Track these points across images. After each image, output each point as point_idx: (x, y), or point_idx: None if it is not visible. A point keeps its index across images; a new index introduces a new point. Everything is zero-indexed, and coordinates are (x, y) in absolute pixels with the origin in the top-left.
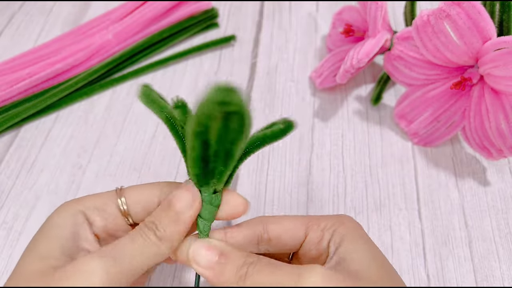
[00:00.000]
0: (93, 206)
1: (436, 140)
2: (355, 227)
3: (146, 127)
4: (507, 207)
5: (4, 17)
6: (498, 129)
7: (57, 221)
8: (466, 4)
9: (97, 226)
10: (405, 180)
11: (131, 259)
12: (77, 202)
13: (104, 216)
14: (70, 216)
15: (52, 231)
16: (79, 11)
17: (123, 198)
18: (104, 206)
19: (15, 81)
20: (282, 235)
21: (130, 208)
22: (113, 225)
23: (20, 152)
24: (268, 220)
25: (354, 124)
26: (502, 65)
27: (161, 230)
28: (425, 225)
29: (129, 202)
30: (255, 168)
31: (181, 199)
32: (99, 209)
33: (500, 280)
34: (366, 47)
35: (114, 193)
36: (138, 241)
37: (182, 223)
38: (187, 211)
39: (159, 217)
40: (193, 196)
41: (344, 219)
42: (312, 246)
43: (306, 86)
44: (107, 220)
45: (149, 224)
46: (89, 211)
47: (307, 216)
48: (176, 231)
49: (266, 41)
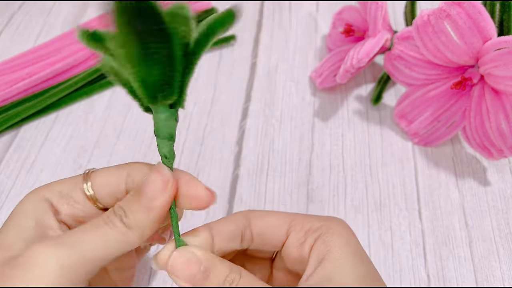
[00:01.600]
0: (58, 192)
1: (436, 140)
2: (345, 235)
3: (146, 127)
4: (508, 207)
5: (3, 17)
6: (498, 129)
7: (20, 210)
8: (467, 4)
9: (64, 213)
10: (406, 180)
11: (92, 248)
12: (42, 189)
13: (70, 203)
14: (34, 204)
15: (14, 220)
16: (79, 11)
17: (89, 183)
18: (70, 192)
19: (15, 81)
20: (264, 232)
21: (97, 193)
22: (83, 212)
23: (19, 152)
24: (252, 215)
25: (354, 124)
26: (502, 65)
27: (130, 217)
28: (426, 225)
29: (96, 187)
30: (255, 168)
31: (152, 184)
32: (65, 196)
33: (501, 280)
34: (366, 47)
35: (81, 177)
36: (102, 228)
37: (153, 210)
38: (159, 197)
39: (128, 202)
40: (165, 180)
41: (333, 223)
42: (293, 248)
43: (306, 86)
44: (75, 207)
45: (117, 209)
46: (55, 198)
47: (293, 214)
48: (146, 218)
49: (266, 41)
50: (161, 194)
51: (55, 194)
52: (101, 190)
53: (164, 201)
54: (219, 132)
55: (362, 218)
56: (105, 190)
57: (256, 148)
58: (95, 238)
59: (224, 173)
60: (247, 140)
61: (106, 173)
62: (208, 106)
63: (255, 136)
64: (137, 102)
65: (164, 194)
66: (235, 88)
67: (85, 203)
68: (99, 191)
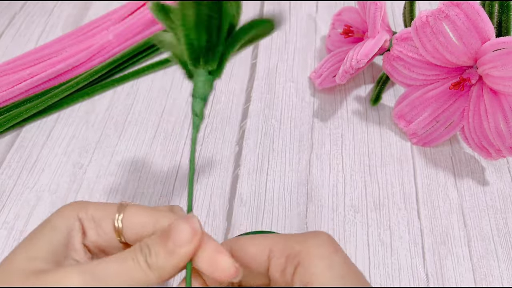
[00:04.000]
0: (91, 216)
1: (435, 140)
2: (327, 257)
3: (146, 127)
4: (506, 207)
5: (5, 18)
6: (496, 129)
7: (54, 223)
8: (465, 5)
9: (89, 239)
10: (404, 180)
11: (115, 281)
12: (79, 208)
13: (98, 230)
14: (68, 221)
15: (47, 232)
16: (80, 11)
17: (121, 215)
18: (101, 220)
19: (17, 82)
20: (246, 263)
21: (125, 228)
22: (105, 242)
23: (21, 152)
24: (233, 246)
25: (353, 124)
26: (500, 65)
27: (153, 258)
28: (424, 224)
29: (126, 223)
30: (255, 168)
31: (181, 232)
32: (96, 222)
33: (499, 280)
34: (365, 48)
35: (115, 208)
36: (127, 263)
37: (177, 257)
38: (185, 246)
39: (155, 243)
40: (193, 231)
41: (312, 244)
42: (277, 274)
43: (305, 87)
44: (100, 236)
45: (143, 247)
46: (87, 221)
47: (273, 238)
48: (168, 262)
49: (266, 41)
50: (188, 244)
51: (88, 217)
52: (131, 227)
53: (189, 251)
54: (219, 132)
55: (361, 217)
56: (134, 228)
57: (256, 148)
58: (120, 271)
59: (224, 173)
60: (247, 140)
61: (140, 212)
62: (208, 106)
63: (255, 136)
64: (182, 67)
65: (190, 244)
66: (235, 89)
67: (110, 234)
68: (128, 227)
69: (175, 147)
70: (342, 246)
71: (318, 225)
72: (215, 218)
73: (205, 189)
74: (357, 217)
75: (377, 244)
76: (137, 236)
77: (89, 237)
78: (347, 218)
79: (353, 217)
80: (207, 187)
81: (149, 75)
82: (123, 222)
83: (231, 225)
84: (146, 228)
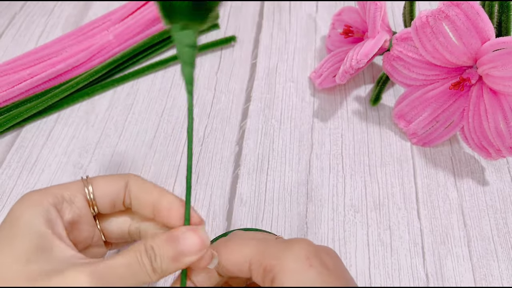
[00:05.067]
0: (62, 198)
1: (435, 140)
2: (299, 273)
3: (147, 127)
4: (506, 207)
5: (5, 18)
6: (496, 129)
7: (30, 218)
8: (465, 5)
9: (66, 218)
10: (404, 180)
11: (121, 281)
12: (46, 194)
13: (72, 208)
14: (43, 212)
15: (26, 229)
16: (80, 12)
17: (91, 187)
18: (73, 197)
19: (17, 82)
20: (230, 269)
21: (97, 198)
22: (78, 217)
23: (21, 152)
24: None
25: (353, 124)
26: (500, 65)
27: (158, 263)
28: (424, 224)
29: (97, 193)
30: (255, 168)
31: (189, 244)
32: (69, 201)
33: (499, 279)
34: (365, 48)
35: (81, 183)
36: (134, 266)
37: (181, 264)
38: (191, 257)
39: (162, 248)
40: (202, 244)
41: (288, 258)
42: (258, 281)
43: (305, 87)
44: (75, 213)
45: (148, 250)
46: (60, 204)
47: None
48: (172, 268)
49: (266, 41)
50: (194, 255)
51: (59, 199)
52: (102, 196)
53: (193, 260)
54: (220, 132)
55: (361, 217)
56: (106, 197)
57: (256, 148)
58: (126, 274)
59: (224, 173)
60: (247, 140)
61: (106, 181)
62: (209, 107)
63: (255, 136)
64: None
65: (196, 255)
66: (235, 89)
67: (83, 209)
68: (100, 197)
69: (175, 147)
70: (342, 246)
71: (318, 225)
72: (215, 218)
73: (205, 189)
74: (357, 217)
75: (377, 244)
76: (111, 205)
77: (65, 217)
78: (347, 218)
79: (353, 217)
80: (207, 187)
81: (149, 75)
82: (95, 193)
83: (231, 225)
84: (118, 195)
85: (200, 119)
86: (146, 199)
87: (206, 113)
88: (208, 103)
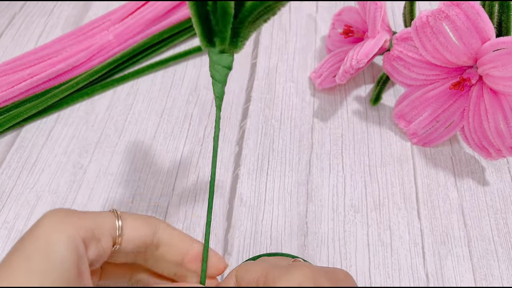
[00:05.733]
0: (92, 235)
1: (435, 140)
2: None
3: (146, 127)
4: (506, 207)
5: (5, 18)
6: (497, 129)
7: (64, 253)
8: (465, 5)
9: (89, 257)
10: (404, 180)
11: None
12: (79, 227)
13: (97, 248)
14: (75, 248)
15: (59, 265)
16: (80, 11)
17: (120, 230)
18: (102, 236)
19: (17, 82)
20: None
21: (124, 242)
22: (99, 257)
23: (21, 152)
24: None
25: (353, 124)
26: (501, 65)
27: None
28: (424, 224)
29: (125, 237)
30: (255, 168)
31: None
32: (96, 238)
33: (499, 280)
34: (365, 48)
35: (111, 218)
36: None
37: None
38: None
39: None
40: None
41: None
42: None
43: (305, 87)
44: (98, 253)
45: None
46: (89, 240)
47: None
48: None
49: (266, 41)
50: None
51: (89, 236)
52: (128, 240)
53: None
54: (220, 132)
55: (361, 217)
56: (131, 242)
57: (256, 148)
58: None
59: (224, 173)
60: (247, 140)
61: (136, 225)
62: (209, 107)
63: (255, 136)
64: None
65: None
66: (235, 89)
67: (107, 249)
68: (126, 239)
69: (175, 147)
70: (342, 246)
71: (318, 225)
72: (215, 218)
73: (205, 189)
74: (357, 217)
75: (377, 244)
76: (132, 248)
77: (89, 256)
78: (347, 218)
79: (353, 217)
80: (207, 186)
81: (149, 75)
82: (123, 237)
83: (231, 225)
84: (145, 241)
85: (200, 119)
86: (179, 247)
87: (206, 113)
88: (208, 103)
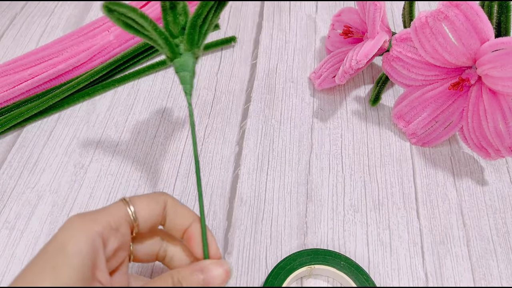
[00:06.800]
0: (109, 226)
1: (434, 141)
2: None
3: (147, 128)
4: (505, 207)
5: (6, 18)
6: (495, 129)
7: (79, 248)
8: (464, 6)
9: (109, 248)
10: (404, 180)
11: None
12: (95, 222)
13: (117, 236)
14: (91, 242)
15: (73, 260)
16: (81, 12)
17: (132, 208)
18: (119, 225)
19: (18, 82)
20: None
21: (139, 221)
22: (121, 243)
23: (22, 152)
24: None
25: (353, 124)
26: (499, 66)
27: None
28: (423, 224)
29: (139, 216)
30: (255, 168)
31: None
32: (114, 229)
33: (498, 279)
34: (365, 49)
35: (122, 206)
36: None
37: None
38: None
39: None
40: (226, 278)
41: None
42: None
43: (305, 87)
44: (120, 240)
45: (176, 283)
46: (106, 231)
47: None
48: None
49: (266, 42)
50: (221, 284)
51: (106, 228)
52: (144, 220)
53: None
54: (220, 132)
55: (361, 217)
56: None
57: (256, 148)
58: None
59: (225, 173)
60: (247, 140)
61: (146, 203)
62: (209, 107)
63: (255, 136)
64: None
65: (223, 284)
66: (235, 89)
67: (127, 235)
68: (142, 219)
69: (175, 147)
70: (341, 246)
71: (317, 225)
72: (215, 217)
73: (206, 189)
74: (356, 216)
75: (376, 243)
76: (150, 226)
77: (109, 247)
78: (346, 218)
79: (352, 217)
80: (208, 186)
81: (149, 76)
82: (136, 216)
83: (231, 224)
84: (158, 219)
85: (200, 119)
86: (181, 224)
87: (206, 113)
88: (208, 103)
